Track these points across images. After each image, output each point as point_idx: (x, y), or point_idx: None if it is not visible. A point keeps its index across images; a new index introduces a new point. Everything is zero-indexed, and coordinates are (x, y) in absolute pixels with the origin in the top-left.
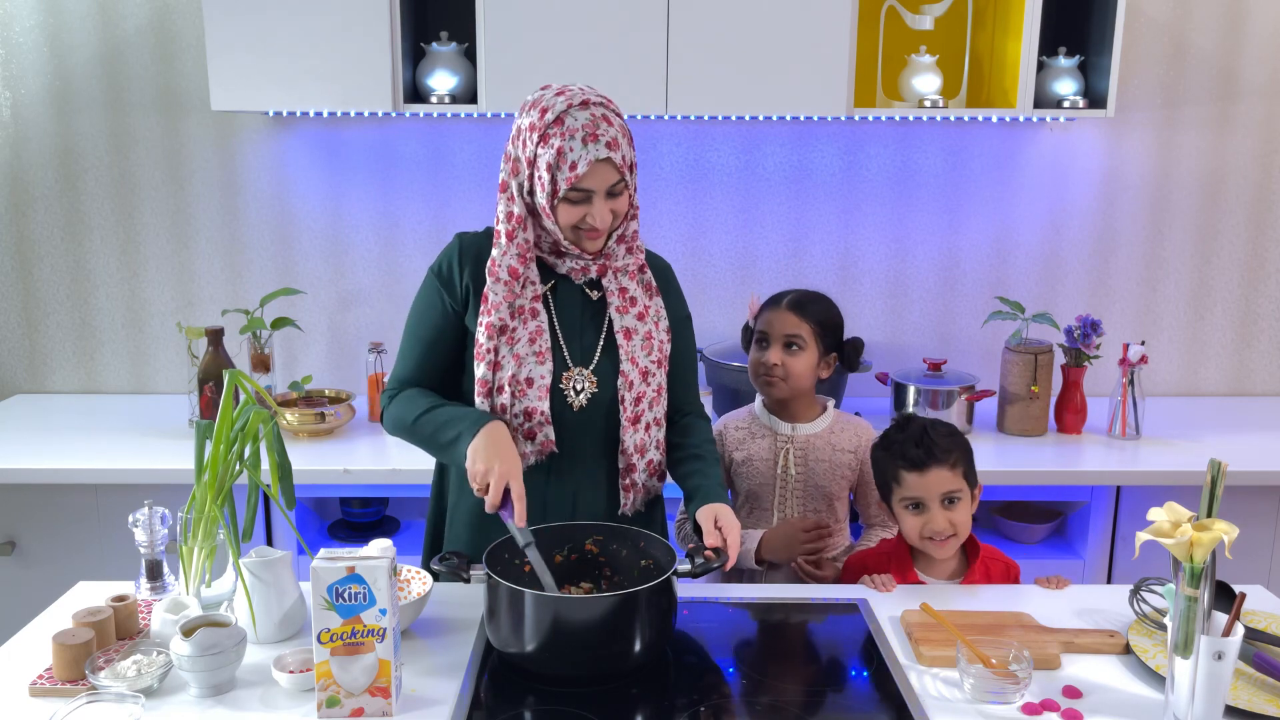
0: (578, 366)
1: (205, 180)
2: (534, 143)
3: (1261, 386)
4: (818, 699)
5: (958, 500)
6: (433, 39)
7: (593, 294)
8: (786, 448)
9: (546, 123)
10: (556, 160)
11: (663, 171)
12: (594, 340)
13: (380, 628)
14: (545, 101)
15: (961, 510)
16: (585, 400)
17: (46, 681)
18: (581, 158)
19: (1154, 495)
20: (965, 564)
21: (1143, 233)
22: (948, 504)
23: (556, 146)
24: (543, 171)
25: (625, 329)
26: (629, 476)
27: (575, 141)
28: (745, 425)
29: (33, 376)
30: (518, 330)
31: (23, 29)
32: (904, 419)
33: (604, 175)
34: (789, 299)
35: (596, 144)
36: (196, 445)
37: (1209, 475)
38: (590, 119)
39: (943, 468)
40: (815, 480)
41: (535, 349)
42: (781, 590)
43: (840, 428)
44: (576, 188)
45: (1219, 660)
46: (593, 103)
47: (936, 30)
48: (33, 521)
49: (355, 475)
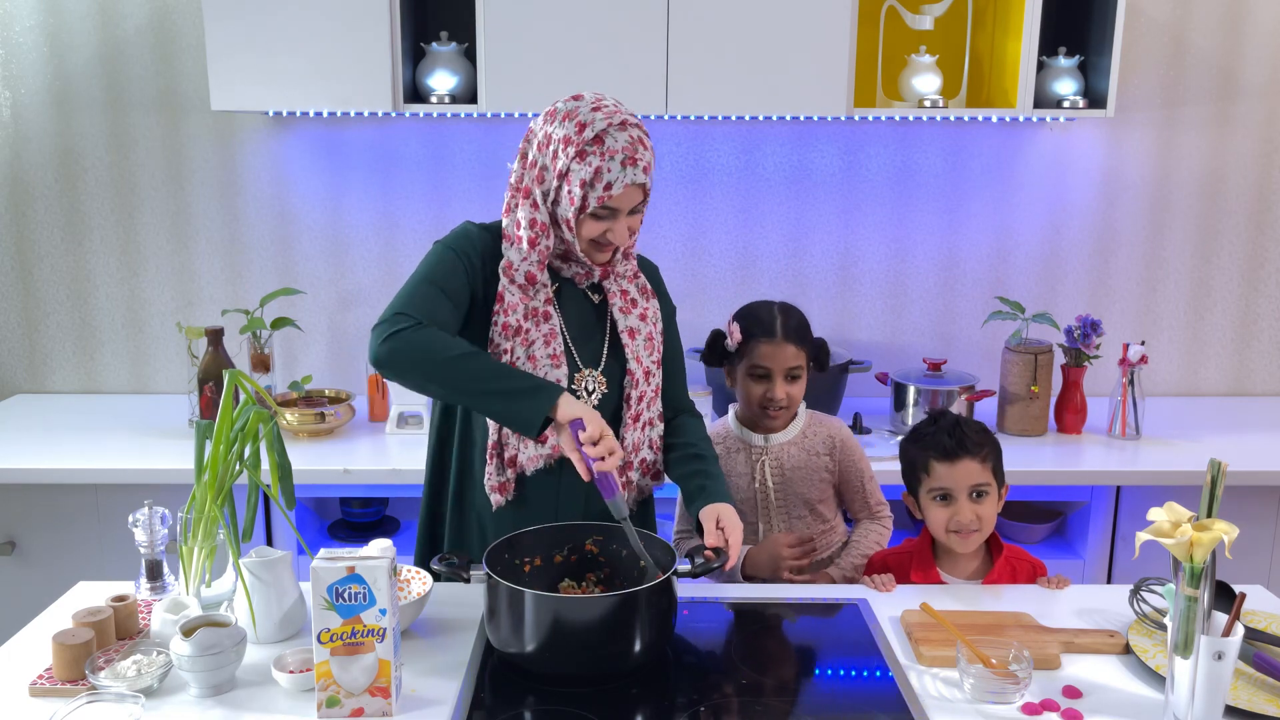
0: (588, 368)
1: (205, 180)
2: (568, 157)
3: (1261, 386)
4: (818, 699)
5: (985, 495)
6: (433, 39)
7: (594, 297)
8: (761, 459)
9: (585, 139)
10: (592, 179)
11: (663, 171)
12: (600, 342)
13: (380, 628)
14: (583, 116)
15: (988, 506)
16: (596, 401)
17: (46, 681)
18: (618, 180)
19: (1154, 495)
20: (989, 563)
21: (1143, 233)
22: (975, 498)
23: (595, 166)
24: (575, 187)
25: (629, 329)
26: (625, 474)
27: (614, 163)
28: (721, 440)
29: (33, 376)
30: (531, 332)
31: (23, 29)
32: (937, 413)
33: (633, 197)
34: (782, 328)
35: (635, 168)
36: (196, 445)
37: (1209, 475)
38: (629, 141)
39: (973, 460)
40: (794, 489)
41: (550, 351)
42: (781, 590)
43: (813, 430)
44: (606, 206)
45: (1219, 660)
46: (630, 124)
47: (936, 30)
48: (33, 521)
49: (355, 475)
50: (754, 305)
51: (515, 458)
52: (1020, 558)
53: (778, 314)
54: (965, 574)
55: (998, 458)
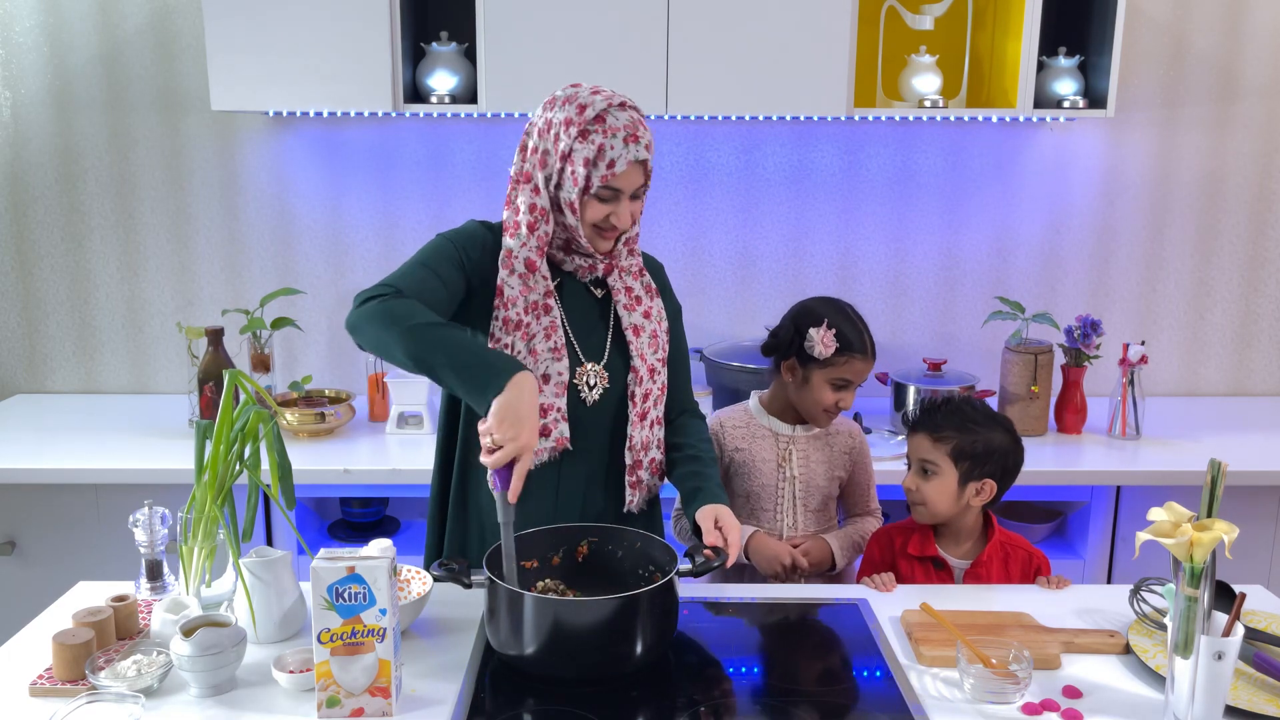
0: (590, 362)
1: (205, 180)
2: (570, 137)
3: (1261, 386)
4: (818, 699)
5: (931, 474)
6: (433, 39)
7: (596, 292)
8: (789, 449)
9: (587, 119)
10: (596, 156)
11: (663, 171)
12: (603, 337)
13: (380, 628)
14: (583, 99)
15: (933, 485)
16: (598, 396)
17: (46, 681)
18: (621, 156)
19: (1154, 495)
20: (983, 546)
21: (1143, 233)
22: (922, 473)
23: (598, 144)
24: (579, 166)
25: (634, 326)
26: (635, 473)
27: (617, 140)
28: (743, 424)
29: (33, 376)
30: (532, 325)
31: (23, 29)
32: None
33: (635, 177)
34: (871, 346)
35: (637, 145)
36: (196, 445)
37: (1209, 475)
38: (630, 120)
39: (925, 436)
40: (815, 481)
41: (551, 344)
42: (781, 590)
43: (835, 427)
44: (609, 186)
45: (1219, 660)
46: (629, 106)
47: (936, 30)
48: (33, 521)
49: (355, 475)
50: (838, 317)
51: None
52: (1017, 545)
53: (864, 331)
54: (960, 553)
55: (969, 448)
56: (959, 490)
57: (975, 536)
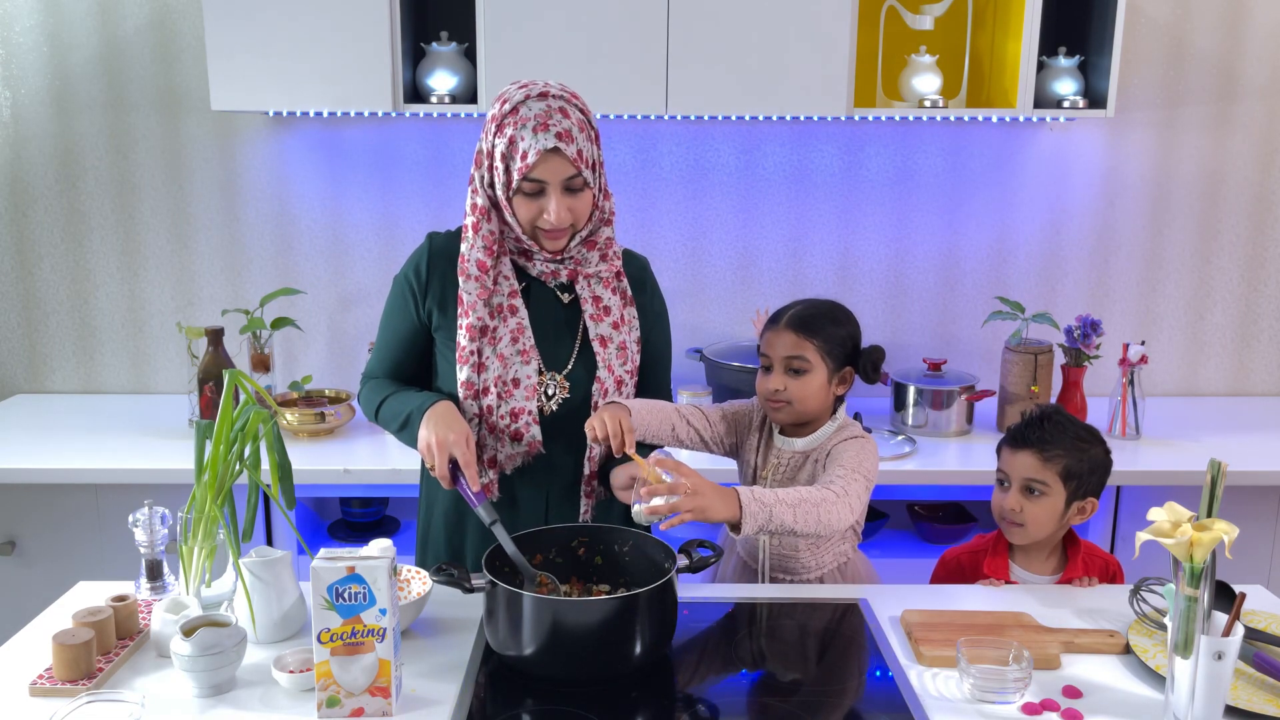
0: (549, 371)
1: (205, 180)
2: (492, 134)
3: (1261, 386)
4: (818, 699)
5: (1038, 493)
6: (433, 39)
7: (564, 297)
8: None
9: (503, 113)
10: (509, 149)
11: (663, 171)
12: (569, 346)
13: (380, 628)
14: (507, 93)
15: (1040, 505)
16: (556, 406)
17: (46, 681)
18: (531, 147)
19: (1154, 495)
20: (1064, 562)
21: (1143, 233)
22: (1028, 493)
23: (509, 136)
24: (498, 161)
25: (600, 337)
26: (590, 484)
27: (526, 130)
28: (746, 415)
29: (33, 376)
30: (499, 329)
31: (23, 29)
32: (1042, 407)
33: (556, 168)
34: (789, 316)
35: (546, 133)
36: (196, 445)
37: (1209, 475)
38: (545, 109)
39: (1033, 454)
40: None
41: (519, 348)
42: (781, 590)
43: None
44: (529, 178)
45: (1219, 660)
46: (552, 95)
47: (936, 30)
48: (33, 521)
49: (355, 475)
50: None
51: (495, 458)
52: (1094, 554)
53: (797, 305)
54: (1044, 571)
55: (1077, 467)
56: (1064, 510)
57: (1057, 551)
